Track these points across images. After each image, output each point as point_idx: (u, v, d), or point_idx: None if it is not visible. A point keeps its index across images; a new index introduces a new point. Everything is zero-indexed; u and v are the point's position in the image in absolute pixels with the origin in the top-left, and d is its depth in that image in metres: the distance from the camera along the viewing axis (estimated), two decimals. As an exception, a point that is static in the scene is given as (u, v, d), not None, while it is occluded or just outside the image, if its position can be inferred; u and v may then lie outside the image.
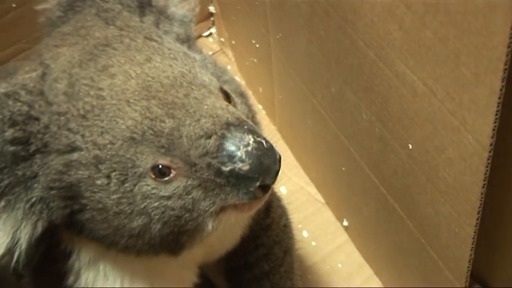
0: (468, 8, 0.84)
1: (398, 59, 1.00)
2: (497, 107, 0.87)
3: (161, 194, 0.82)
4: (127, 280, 0.95)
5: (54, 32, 0.96)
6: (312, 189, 1.50)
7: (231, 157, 0.78)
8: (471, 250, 1.02)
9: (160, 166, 0.81)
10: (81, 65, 0.86)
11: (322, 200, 1.48)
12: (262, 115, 1.61)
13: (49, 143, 0.84)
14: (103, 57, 0.86)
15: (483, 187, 0.95)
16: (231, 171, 0.78)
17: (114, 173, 0.82)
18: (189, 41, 0.97)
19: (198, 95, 0.82)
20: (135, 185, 0.82)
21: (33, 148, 0.84)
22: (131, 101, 0.82)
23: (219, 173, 0.78)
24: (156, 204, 0.82)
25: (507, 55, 0.82)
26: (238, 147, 0.78)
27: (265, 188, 0.80)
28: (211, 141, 0.78)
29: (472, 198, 0.97)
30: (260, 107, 1.64)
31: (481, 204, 0.97)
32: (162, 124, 0.80)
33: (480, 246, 1.03)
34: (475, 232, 1.00)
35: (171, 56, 0.88)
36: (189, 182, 0.81)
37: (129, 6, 0.94)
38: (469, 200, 0.98)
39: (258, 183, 0.78)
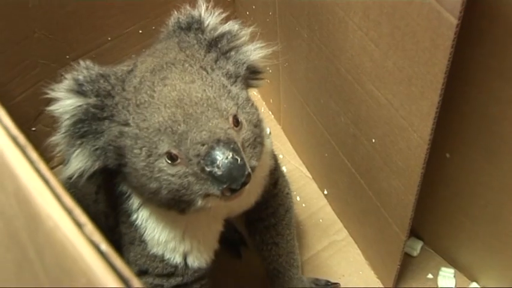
0: (419, 46, 0.84)
1: (368, 81, 1.00)
2: (435, 114, 0.87)
3: (169, 171, 0.81)
4: (169, 225, 0.94)
5: (152, 47, 0.95)
6: (304, 169, 1.48)
7: (212, 163, 0.76)
8: (412, 212, 1.02)
9: (171, 153, 0.80)
10: (152, 72, 0.85)
11: (310, 176, 1.47)
12: (271, 118, 1.60)
13: (114, 115, 0.85)
14: (166, 71, 0.85)
15: (422, 169, 0.95)
16: (210, 172, 0.76)
17: (144, 148, 0.81)
18: (237, 77, 0.91)
19: (209, 115, 0.80)
20: (155, 160, 0.81)
21: (104, 115, 0.85)
22: (167, 105, 0.81)
23: (203, 170, 0.77)
24: (165, 177, 0.81)
25: (444, 79, 0.82)
26: (219, 157, 0.77)
27: (233, 190, 0.79)
28: (203, 148, 0.77)
29: (414, 176, 0.97)
30: (270, 112, 1.62)
31: (420, 180, 0.97)
32: (178, 127, 0.79)
33: (418, 210, 1.03)
34: (415, 199, 1.00)
35: (210, 84, 0.85)
36: (186, 170, 0.79)
37: (201, 43, 0.90)
38: (412, 177, 0.98)
39: (225, 186, 0.77)
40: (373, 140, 1.06)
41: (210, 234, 1.01)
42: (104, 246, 0.41)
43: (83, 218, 0.42)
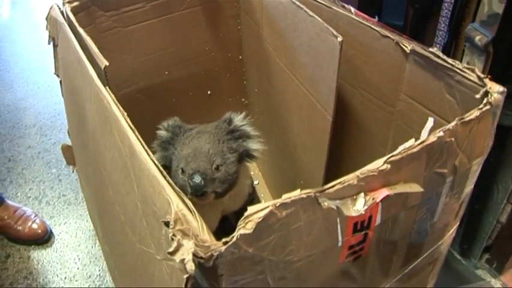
0: (317, 131, 0.91)
1: (299, 150, 1.07)
2: (326, 161, 0.93)
3: (180, 176, 0.87)
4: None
5: (211, 123, 1.00)
6: (265, 187, 1.45)
7: (191, 179, 0.83)
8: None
9: (182, 169, 0.87)
10: (197, 133, 0.94)
11: (268, 192, 1.44)
12: (257, 172, 1.54)
13: (174, 144, 0.94)
14: (201, 134, 0.92)
15: (323, 179, 0.97)
16: (188, 182, 0.83)
17: (176, 162, 0.90)
18: (235, 151, 0.93)
19: (202, 159, 0.87)
20: (178, 170, 0.88)
21: (171, 142, 0.95)
22: (190, 147, 0.89)
23: (187, 181, 0.84)
24: (179, 178, 0.87)
25: (329, 141, 0.89)
26: (194, 178, 0.83)
27: (197, 196, 0.83)
28: (192, 171, 0.84)
29: (320, 179, 0.98)
30: (258, 170, 1.56)
31: (324, 182, 0.97)
32: (188, 159, 0.87)
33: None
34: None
35: (215, 147, 0.89)
36: (185, 178, 0.85)
37: (225, 129, 0.95)
38: (316, 176, 1.00)
39: (191, 191, 0.83)
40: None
41: (212, 216, 1.05)
42: (156, 161, 0.61)
43: (150, 150, 0.59)
